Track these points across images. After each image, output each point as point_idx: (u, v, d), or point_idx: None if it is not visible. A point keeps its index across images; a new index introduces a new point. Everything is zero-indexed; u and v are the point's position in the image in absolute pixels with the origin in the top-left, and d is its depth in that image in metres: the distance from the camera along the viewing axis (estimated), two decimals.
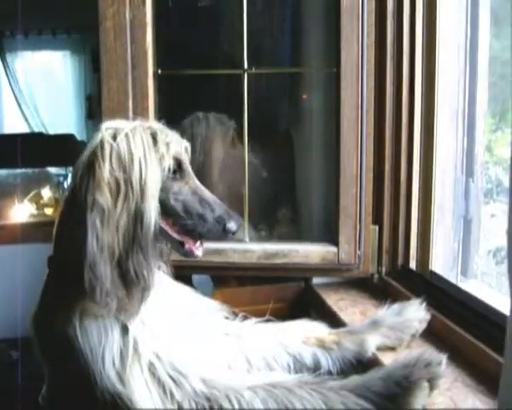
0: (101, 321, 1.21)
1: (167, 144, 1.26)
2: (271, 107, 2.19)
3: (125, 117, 1.71)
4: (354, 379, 1.23)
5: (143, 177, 1.19)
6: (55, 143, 4.76)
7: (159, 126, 1.30)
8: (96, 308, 1.20)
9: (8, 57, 7.85)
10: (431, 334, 1.49)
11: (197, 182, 1.34)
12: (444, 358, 1.21)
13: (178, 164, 1.29)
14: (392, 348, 1.45)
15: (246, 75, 1.83)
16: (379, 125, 1.79)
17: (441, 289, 1.65)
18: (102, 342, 1.19)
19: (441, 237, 1.80)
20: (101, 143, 1.20)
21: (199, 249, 1.32)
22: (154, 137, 1.26)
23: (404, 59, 1.74)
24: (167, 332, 1.28)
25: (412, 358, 1.21)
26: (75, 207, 1.20)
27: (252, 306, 1.90)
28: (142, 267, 1.18)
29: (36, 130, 7.42)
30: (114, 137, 1.21)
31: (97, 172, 1.17)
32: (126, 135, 1.22)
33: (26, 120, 7.99)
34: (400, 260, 1.83)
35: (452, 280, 1.72)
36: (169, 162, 1.25)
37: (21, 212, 3.70)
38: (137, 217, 1.18)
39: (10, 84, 7.91)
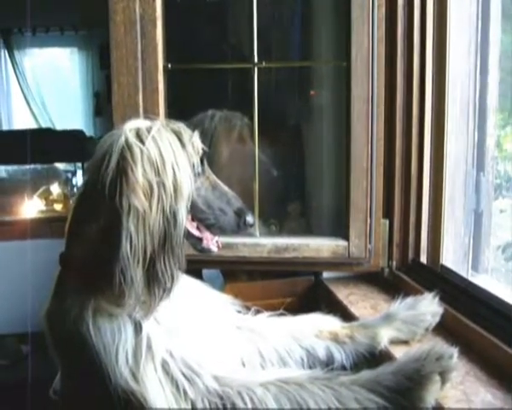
0: (115, 319, 1.21)
1: (193, 143, 1.29)
2: (281, 102, 2.19)
3: (136, 112, 1.73)
4: (365, 374, 1.23)
5: (177, 179, 1.21)
6: (63, 138, 4.76)
7: (179, 125, 1.32)
8: (109, 306, 1.21)
9: (17, 54, 7.90)
10: (442, 328, 1.48)
11: (214, 177, 1.38)
12: (455, 351, 1.20)
13: (201, 160, 1.33)
14: (405, 342, 1.45)
15: (256, 69, 1.82)
16: (389, 120, 1.79)
17: (452, 283, 1.64)
18: (116, 340, 1.19)
19: (452, 231, 1.80)
20: (129, 146, 1.20)
21: (215, 245, 1.35)
22: (179, 136, 1.28)
23: (414, 53, 1.73)
24: (180, 329, 1.28)
25: (423, 351, 1.20)
26: (96, 209, 1.21)
27: (262, 300, 1.90)
28: (171, 269, 1.20)
29: (44, 126, 7.43)
30: (140, 139, 1.22)
31: (130, 176, 1.17)
32: (153, 137, 1.23)
33: (35, 116, 8.03)
34: (411, 254, 1.82)
35: (463, 275, 1.71)
36: (196, 160, 1.30)
37: (31, 208, 3.71)
38: (171, 218, 1.19)
39: (18, 81, 7.96)
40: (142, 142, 1.22)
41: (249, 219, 1.35)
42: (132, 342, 1.20)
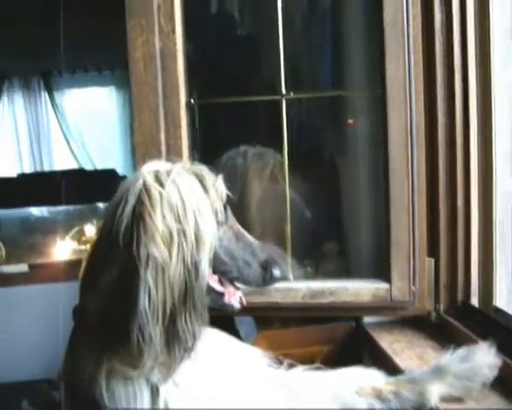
0: (130, 383, 1.12)
1: (216, 188, 1.20)
2: (313, 135, 2.08)
3: (158, 151, 1.64)
4: None
5: (200, 226, 1.11)
6: (96, 178, 4.76)
7: (201, 168, 1.22)
8: (124, 368, 1.11)
9: (56, 95, 8.08)
10: (500, 383, 1.32)
11: (238, 225, 1.28)
12: None
13: (224, 207, 1.22)
14: (458, 399, 1.30)
15: (284, 101, 1.71)
16: (431, 149, 1.66)
17: (507, 329, 1.49)
18: (131, 406, 1.10)
19: (505, 268, 1.64)
20: (147, 189, 1.11)
21: (238, 301, 1.25)
22: (200, 180, 1.18)
23: (455, 76, 1.61)
24: (202, 392, 1.17)
25: None
26: (111, 258, 1.12)
27: (298, 348, 1.82)
28: (192, 325, 1.10)
29: (84, 166, 7.55)
30: (160, 183, 1.13)
31: (149, 222, 1.07)
32: (173, 180, 1.13)
33: (75, 156, 8.18)
34: (460, 296, 1.67)
35: None
36: (220, 207, 1.20)
37: (63, 249, 3.68)
38: (192, 269, 1.09)
39: (59, 122, 8.13)
40: (161, 185, 1.12)
41: (276, 272, 1.24)
42: (149, 408, 1.10)
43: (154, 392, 1.11)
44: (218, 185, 1.20)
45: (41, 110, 8.17)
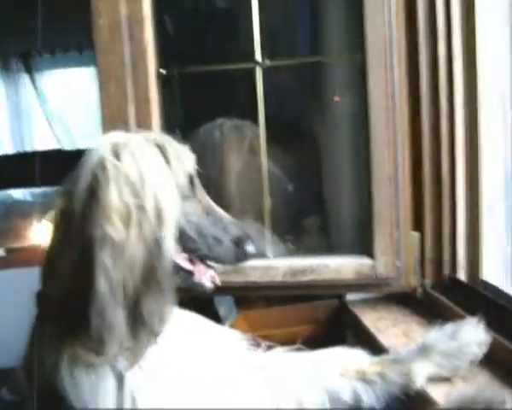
0: (94, 371, 1.04)
1: (179, 159, 1.10)
2: (292, 106, 1.98)
3: (126, 125, 1.55)
4: None
5: (161, 201, 1.02)
6: (75, 158, 4.62)
7: (165, 138, 1.14)
8: (87, 355, 1.03)
9: (36, 76, 7.93)
10: (490, 360, 1.26)
11: (209, 200, 1.19)
12: (508, 397, 0.98)
13: (190, 180, 1.14)
14: (446, 379, 1.23)
15: (260, 69, 1.62)
16: (414, 117, 1.59)
17: (496, 303, 1.42)
18: (95, 397, 1.03)
19: (492, 241, 1.58)
20: (102, 163, 1.02)
21: (209, 280, 1.16)
22: (163, 151, 1.09)
23: (439, 37, 1.53)
24: (173, 378, 1.10)
25: (469, 397, 0.99)
26: (69, 239, 1.03)
27: (281, 328, 1.77)
28: (159, 309, 1.02)
29: (66, 147, 7.41)
30: (117, 155, 1.04)
31: (103, 198, 0.99)
32: (131, 152, 1.05)
33: (57, 137, 8.05)
34: (446, 271, 1.61)
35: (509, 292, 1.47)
36: (183, 179, 1.10)
37: (41, 232, 3.58)
38: (154, 247, 1.01)
39: (40, 103, 7.99)
40: (118, 158, 1.03)
41: (249, 248, 1.15)
42: (114, 396, 1.03)
43: (120, 380, 1.04)
44: (182, 156, 1.11)
45: (21, 92, 8.02)
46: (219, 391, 1.15)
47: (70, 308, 1.03)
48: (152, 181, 1.03)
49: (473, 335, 1.26)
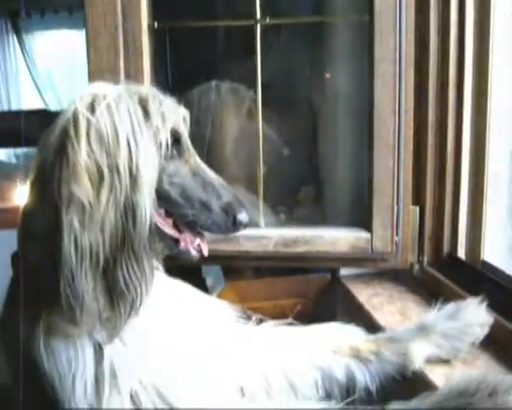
0: (72, 341, 0.99)
1: (162, 114, 1.02)
2: (291, 69, 1.90)
3: (116, 81, 1.46)
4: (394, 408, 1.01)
5: (134, 160, 0.95)
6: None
7: (150, 91, 1.05)
8: (64, 324, 0.98)
9: (25, 38, 7.83)
10: (492, 342, 1.22)
11: (199, 160, 1.10)
12: None
13: (176, 138, 1.05)
14: (445, 361, 1.19)
15: (259, 27, 1.53)
16: (420, 85, 1.53)
17: (496, 283, 1.38)
18: (73, 368, 0.99)
19: (495, 219, 1.53)
20: (75, 116, 0.95)
21: (196, 248, 1.08)
22: (144, 106, 1.01)
23: (451, 1, 1.45)
24: (154, 350, 1.04)
25: (471, 381, 0.97)
26: (43, 198, 0.97)
27: (269, 300, 1.73)
28: (134, 277, 0.96)
29: (54, 108, 7.32)
30: (92, 109, 0.96)
31: (71, 156, 0.92)
32: (108, 105, 0.97)
33: (44, 100, 7.97)
34: (446, 248, 1.57)
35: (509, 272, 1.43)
36: (166, 137, 1.01)
37: (25, 193, 3.50)
38: (128, 212, 0.94)
39: (27, 65, 7.91)
40: (93, 111, 0.96)
41: (241, 217, 1.06)
42: (92, 370, 0.98)
43: (98, 351, 0.99)
44: (166, 112, 1.02)
45: (9, 52, 7.90)
46: (206, 364, 1.09)
47: (45, 273, 0.97)
48: (127, 138, 0.95)
49: (475, 316, 1.22)
